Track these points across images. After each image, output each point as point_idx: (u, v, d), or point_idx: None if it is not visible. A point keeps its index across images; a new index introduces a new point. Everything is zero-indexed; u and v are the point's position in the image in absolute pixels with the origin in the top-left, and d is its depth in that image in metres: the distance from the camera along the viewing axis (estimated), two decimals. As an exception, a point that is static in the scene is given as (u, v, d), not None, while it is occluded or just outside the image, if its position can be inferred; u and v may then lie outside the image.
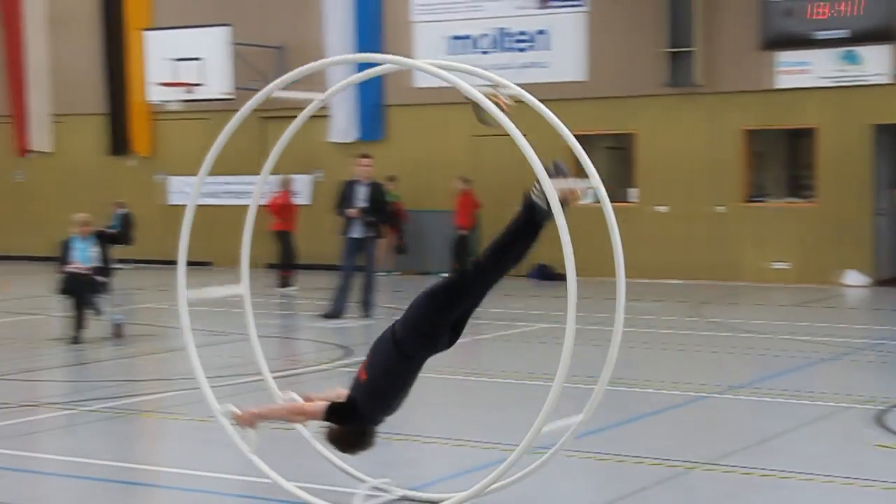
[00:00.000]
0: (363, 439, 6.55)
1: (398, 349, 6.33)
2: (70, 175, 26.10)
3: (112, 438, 8.77)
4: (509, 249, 6.38)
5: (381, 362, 6.37)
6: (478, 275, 6.34)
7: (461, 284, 6.36)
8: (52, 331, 13.73)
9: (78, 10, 25.79)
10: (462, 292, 6.33)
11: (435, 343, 6.38)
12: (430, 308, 6.32)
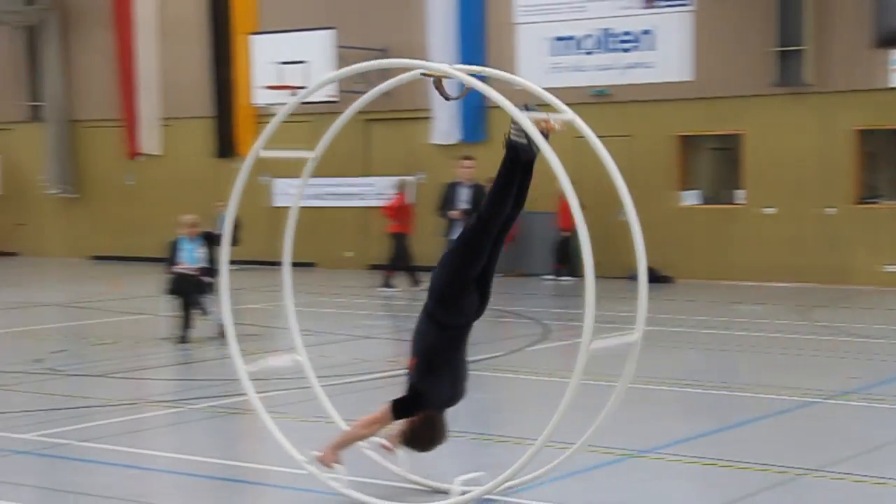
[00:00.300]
0: (434, 429, 6.59)
1: (433, 322, 6.49)
2: (178, 177, 26.54)
3: (218, 436, 8.87)
4: (505, 195, 6.49)
5: (422, 340, 6.52)
6: (483, 228, 6.44)
7: (471, 241, 6.46)
8: (159, 330, 13.95)
9: (187, 15, 26.22)
10: (474, 249, 6.44)
11: (462, 307, 6.48)
12: (449, 272, 6.47)
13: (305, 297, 18.81)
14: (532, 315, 16.15)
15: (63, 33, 27.42)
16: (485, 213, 6.51)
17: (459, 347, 6.59)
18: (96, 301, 18.46)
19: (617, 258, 22.75)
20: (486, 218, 6.49)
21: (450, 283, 6.48)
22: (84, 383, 10.98)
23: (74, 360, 12.46)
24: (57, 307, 17.75)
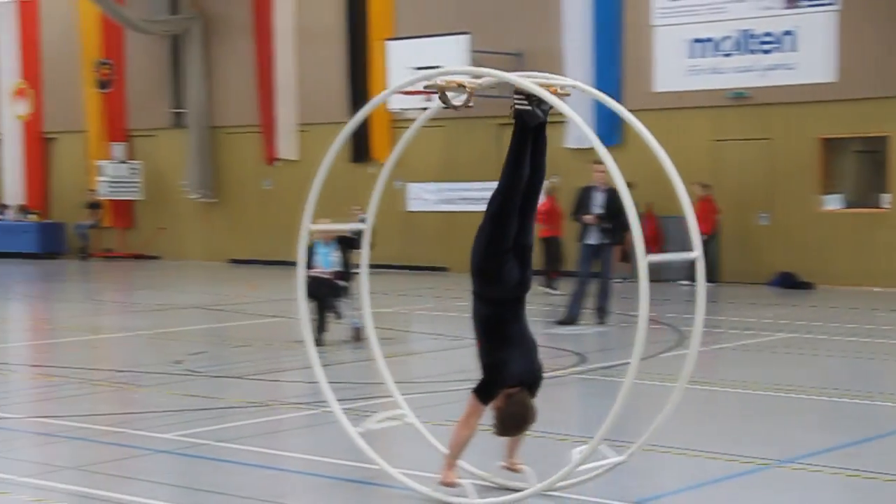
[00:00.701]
0: (519, 404, 6.63)
1: (481, 300, 6.69)
2: (313, 181, 26.92)
3: (350, 439, 8.91)
4: (520, 163, 6.62)
5: (477, 320, 6.71)
6: (506, 198, 6.58)
7: (497, 213, 6.60)
8: (295, 333, 14.12)
9: (324, 23, 26.58)
10: (501, 220, 6.59)
11: (503, 279, 6.63)
12: (483, 247, 6.63)
13: (437, 302, 18.88)
14: (666, 321, 15.90)
15: (205, 42, 28.06)
16: (503, 184, 6.63)
17: (516, 321, 6.73)
18: (234, 304, 18.82)
19: (757, 263, 22.40)
20: (506, 187, 6.62)
21: (485, 257, 6.63)
22: (222, 384, 11.17)
23: (213, 362, 12.69)
24: (196, 310, 18.14)
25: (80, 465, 7.87)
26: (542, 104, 6.63)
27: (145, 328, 15.44)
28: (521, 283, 6.74)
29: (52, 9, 30.72)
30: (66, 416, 9.48)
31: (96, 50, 29.67)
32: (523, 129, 6.67)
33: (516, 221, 6.64)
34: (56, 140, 31.12)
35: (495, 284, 6.67)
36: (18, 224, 30.27)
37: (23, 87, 31.16)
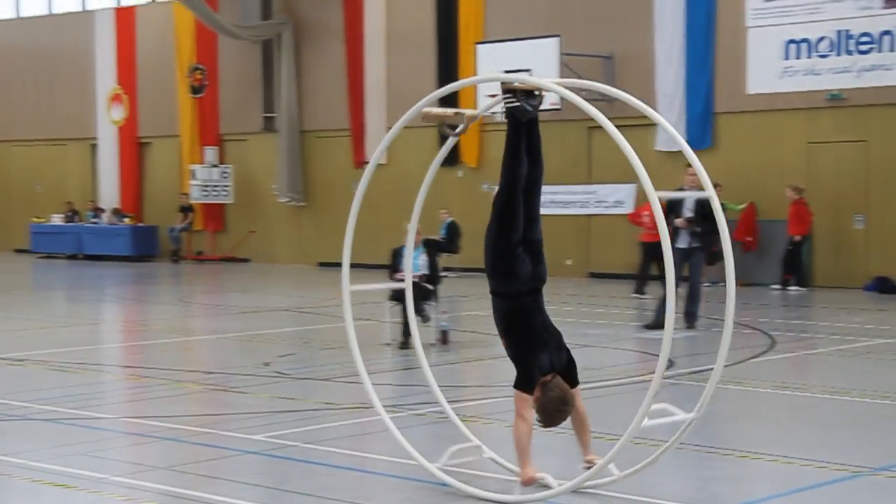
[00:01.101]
0: (555, 389, 6.74)
1: (497, 296, 6.91)
2: (402, 185, 26.99)
3: (438, 442, 8.89)
4: (517, 158, 6.89)
5: (498, 317, 6.95)
6: (509, 193, 6.84)
7: (502, 209, 6.86)
8: (382, 336, 14.17)
9: (415, 27, 26.66)
10: (506, 216, 6.84)
11: (516, 274, 6.83)
12: (492, 245, 6.88)
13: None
14: (758, 325, 15.65)
15: (296, 46, 28.32)
16: (504, 182, 6.88)
17: (536, 312, 6.91)
18: (322, 307, 18.94)
19: (852, 267, 21.95)
20: (507, 184, 6.86)
21: (497, 255, 6.87)
22: (310, 387, 11.23)
23: (301, 364, 12.78)
24: (285, 312, 18.30)
25: (170, 466, 7.96)
26: (530, 99, 6.87)
27: (235, 330, 15.61)
28: (535, 275, 6.91)
29: (148, 15, 31.27)
30: (157, 417, 9.61)
31: (190, 55, 30.12)
32: (516, 126, 6.92)
33: (522, 217, 6.85)
34: (150, 144, 31.65)
35: (511, 280, 6.85)
36: (113, 227, 30.84)
37: (119, 92, 31.75)
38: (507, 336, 6.95)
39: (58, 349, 13.74)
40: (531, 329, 6.88)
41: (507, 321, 6.93)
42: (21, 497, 7.37)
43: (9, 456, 8.13)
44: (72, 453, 8.27)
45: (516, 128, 6.93)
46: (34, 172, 34.00)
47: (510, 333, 6.93)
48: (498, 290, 6.94)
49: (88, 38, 32.16)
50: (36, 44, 33.52)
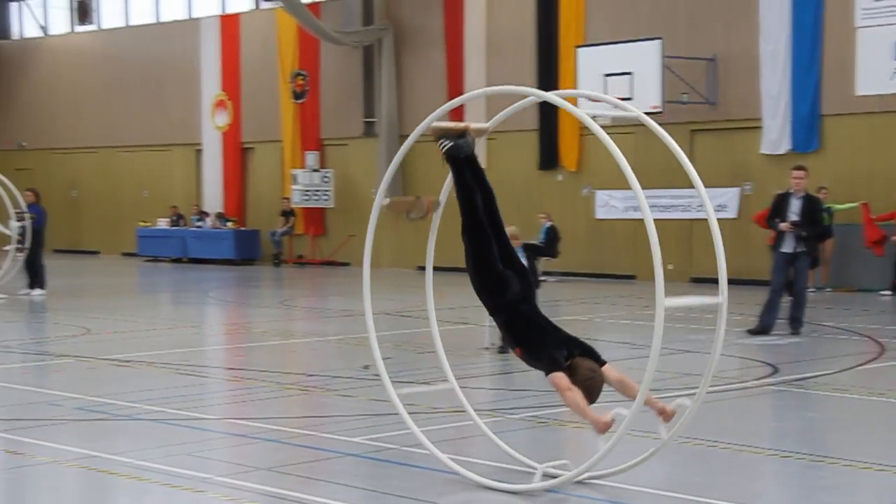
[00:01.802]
0: (584, 371, 7.06)
1: (494, 312, 7.33)
2: (501, 189, 26.89)
3: (535, 446, 8.86)
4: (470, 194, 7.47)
5: (507, 332, 7.34)
6: (470, 221, 7.41)
7: (470, 235, 7.43)
8: (480, 340, 14.15)
9: (515, 30, 26.64)
10: (476, 239, 7.42)
11: (503, 285, 7.29)
12: (472, 266, 7.40)
13: (626, 310, 18.64)
14: (866, 332, 15.30)
15: (396, 52, 28.50)
16: (464, 219, 7.46)
17: (536, 315, 7.29)
18: (422, 310, 18.99)
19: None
20: (467, 215, 7.44)
21: (478, 274, 7.36)
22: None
23: (400, 368, 12.81)
24: (385, 316, 18.38)
25: (271, 467, 8.04)
26: (461, 139, 7.49)
27: (334, 333, 15.73)
28: (522, 282, 7.36)
29: (252, 22, 31.73)
30: (259, 419, 9.72)
31: (293, 61, 30.48)
32: (457, 165, 7.47)
33: (491, 234, 7.39)
34: (253, 150, 32.10)
35: (502, 293, 7.28)
36: (216, 231, 31.33)
37: (223, 98, 32.27)
38: (521, 343, 7.23)
39: (163, 351, 13.99)
40: (539, 328, 7.23)
41: (515, 330, 7.27)
42: (127, 495, 7.51)
43: (116, 455, 8.30)
44: (176, 453, 8.40)
45: (458, 166, 7.48)
46: (141, 178, 34.71)
47: (522, 340, 7.23)
48: (495, 305, 7.32)
49: (194, 46, 32.75)
50: (144, 51, 34.23)
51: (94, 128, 35.70)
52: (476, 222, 7.43)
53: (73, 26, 36.68)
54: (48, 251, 23.56)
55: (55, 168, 36.40)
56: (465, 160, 7.47)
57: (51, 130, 36.73)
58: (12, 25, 38.61)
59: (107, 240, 35.50)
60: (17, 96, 37.63)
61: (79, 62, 36.06)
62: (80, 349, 14.12)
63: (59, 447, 8.56)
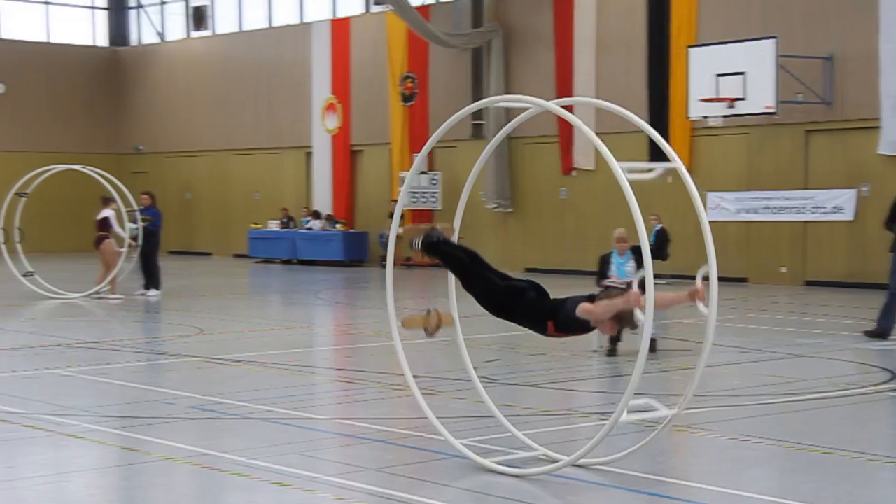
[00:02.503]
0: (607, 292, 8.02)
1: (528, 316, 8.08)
2: (610, 191, 26.78)
3: (644, 451, 8.76)
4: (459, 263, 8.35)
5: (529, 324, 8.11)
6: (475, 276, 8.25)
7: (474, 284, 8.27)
8: (590, 343, 14.05)
9: (625, 31, 26.43)
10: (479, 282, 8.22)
11: (515, 290, 8.12)
12: (489, 304, 8.24)
13: (736, 313, 18.34)
14: None
15: (505, 53, 28.48)
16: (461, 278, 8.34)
17: (542, 292, 8.10)
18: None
19: None
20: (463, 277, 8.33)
21: (500, 307, 8.13)
22: (516, 392, 11.24)
23: (507, 370, 12.80)
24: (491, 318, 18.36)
25: (380, 467, 8.08)
26: (432, 231, 8.36)
27: (441, 335, 15.75)
28: (531, 283, 8.14)
29: (362, 26, 32.01)
30: (367, 419, 9.78)
31: (402, 64, 30.66)
32: (435, 250, 8.32)
33: (488, 274, 8.16)
34: (362, 152, 32.38)
35: (521, 296, 8.01)
36: (326, 233, 31.66)
37: (333, 101, 32.60)
38: (549, 317, 7.86)
39: (273, 351, 14.18)
40: (550, 297, 8.03)
41: (536, 311, 7.95)
42: (239, 493, 7.61)
43: (227, 453, 8.43)
44: (286, 452, 8.50)
45: (436, 250, 8.33)
46: (252, 180, 35.25)
47: (547, 313, 7.88)
48: (521, 309, 8.02)
49: (305, 50, 33.16)
50: (257, 56, 34.77)
51: (207, 131, 36.37)
52: (475, 276, 8.21)
53: (189, 32, 37.43)
54: (163, 253, 24.05)
55: (170, 171, 37.18)
56: (438, 243, 8.31)
57: (166, 134, 37.53)
58: (131, 32, 39.55)
59: (219, 241, 36.13)
60: (135, 101, 38.53)
61: (194, 67, 36.78)
62: (193, 349, 14.38)
63: (173, 445, 8.73)
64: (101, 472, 8.25)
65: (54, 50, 37.59)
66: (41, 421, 9.68)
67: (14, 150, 35.89)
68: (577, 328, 7.86)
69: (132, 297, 21.28)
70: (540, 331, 8.01)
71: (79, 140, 37.55)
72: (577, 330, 7.90)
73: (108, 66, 38.69)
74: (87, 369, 12.64)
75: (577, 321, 7.75)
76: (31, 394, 11.11)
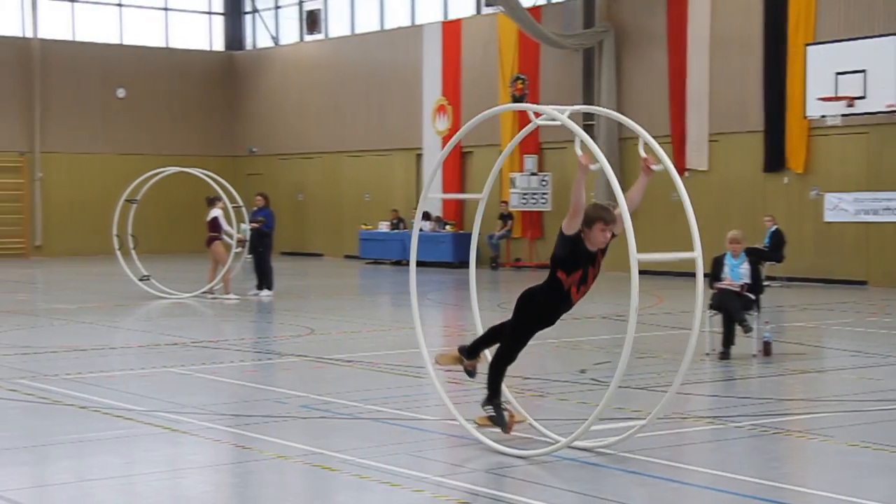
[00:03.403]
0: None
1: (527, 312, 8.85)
2: (723, 192, 26.39)
3: (758, 456, 8.60)
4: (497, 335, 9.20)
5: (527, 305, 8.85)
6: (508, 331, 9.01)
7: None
8: (700, 346, 13.85)
9: (740, 29, 26.00)
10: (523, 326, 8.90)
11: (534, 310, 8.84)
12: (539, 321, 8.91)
13: (856, 317, 17.92)
14: None
15: (617, 53, 28.24)
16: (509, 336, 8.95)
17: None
18: (639, 314, 18.72)
19: None
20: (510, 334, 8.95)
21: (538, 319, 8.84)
22: (625, 395, 11.12)
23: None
24: (602, 319, 18.23)
25: (488, 468, 8.07)
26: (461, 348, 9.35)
27: (550, 337, 15.64)
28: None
29: (473, 27, 32.04)
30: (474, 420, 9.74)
31: (512, 65, 30.62)
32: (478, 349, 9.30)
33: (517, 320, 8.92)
34: (471, 154, 32.40)
35: (537, 292, 8.80)
36: (435, 235, 31.76)
37: (443, 103, 32.70)
38: (557, 266, 8.71)
39: (383, 351, 14.26)
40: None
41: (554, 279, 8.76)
42: (348, 493, 7.66)
43: (338, 452, 8.49)
44: (395, 452, 8.53)
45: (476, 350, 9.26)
46: (363, 182, 35.54)
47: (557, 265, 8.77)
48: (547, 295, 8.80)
49: (417, 52, 33.32)
50: (368, 59, 35.05)
51: (319, 134, 36.78)
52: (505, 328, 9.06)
53: (302, 36, 37.90)
54: (276, 254, 24.38)
55: (282, 173, 37.69)
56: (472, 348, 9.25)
57: (279, 136, 38.05)
58: (246, 37, 40.20)
59: (330, 242, 36.51)
60: (249, 104, 39.15)
61: (306, 71, 37.23)
62: (304, 348, 14.53)
63: (284, 443, 8.82)
64: (215, 469, 8.38)
65: (172, 55, 38.41)
66: (157, 418, 9.88)
67: (133, 153, 36.74)
68: (579, 254, 8.54)
69: (246, 297, 21.60)
70: (564, 298, 8.67)
71: (195, 143, 38.31)
72: (581, 259, 8.58)
73: (223, 70, 39.40)
74: (201, 367, 12.87)
75: (567, 241, 8.48)
76: (147, 391, 11.34)
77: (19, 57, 35.58)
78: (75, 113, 36.57)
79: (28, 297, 23.20)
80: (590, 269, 8.63)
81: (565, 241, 8.46)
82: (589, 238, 8.52)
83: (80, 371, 12.57)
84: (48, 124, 36.04)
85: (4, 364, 13.10)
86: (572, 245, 8.44)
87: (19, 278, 27.92)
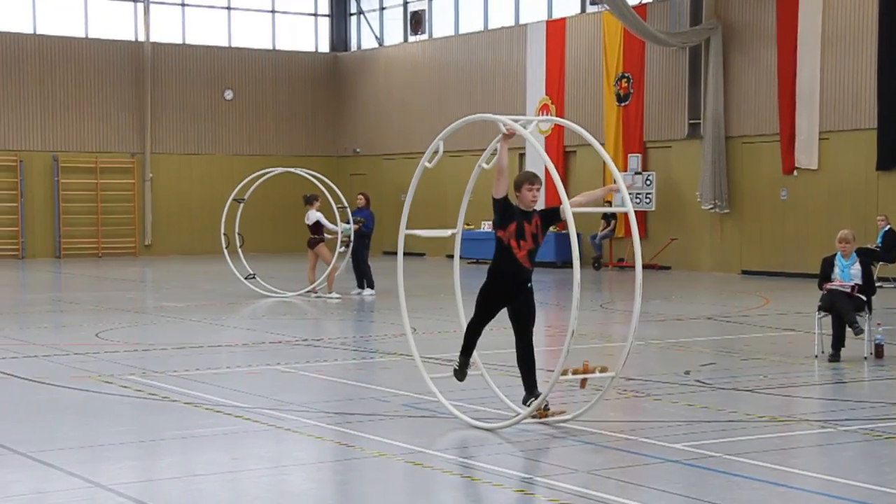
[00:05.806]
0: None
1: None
2: (834, 191, 25.85)
3: (869, 461, 8.40)
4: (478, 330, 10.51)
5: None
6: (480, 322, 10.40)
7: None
8: (809, 348, 13.59)
9: (854, 24, 25.46)
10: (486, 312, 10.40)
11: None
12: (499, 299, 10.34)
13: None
14: None
15: (724, 51, 27.85)
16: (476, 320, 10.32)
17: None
18: (744, 315, 18.46)
19: None
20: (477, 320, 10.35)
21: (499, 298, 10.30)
22: (731, 397, 10.96)
23: (722, 374, 12.50)
24: (707, 321, 18.00)
25: (591, 470, 8.00)
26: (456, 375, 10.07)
27: (654, 338, 15.51)
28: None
29: (577, 26, 31.87)
30: (578, 421, 9.68)
31: (617, 64, 30.39)
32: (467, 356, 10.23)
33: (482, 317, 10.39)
34: (575, 153, 32.24)
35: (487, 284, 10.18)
36: (539, 234, 31.62)
37: (547, 102, 32.59)
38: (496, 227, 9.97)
39: (484, 351, 14.19)
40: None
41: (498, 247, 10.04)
42: (451, 492, 7.66)
43: (440, 451, 8.51)
44: (498, 452, 8.53)
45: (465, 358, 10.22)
46: (465, 182, 35.45)
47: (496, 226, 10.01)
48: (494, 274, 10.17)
49: (520, 51, 33.27)
50: (472, 59, 35.09)
51: (422, 134, 36.89)
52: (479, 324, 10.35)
53: (407, 37, 38.10)
54: (378, 253, 24.54)
55: (386, 173, 37.92)
56: (462, 365, 10.09)
57: (383, 137, 38.29)
58: (351, 38, 40.55)
59: (432, 242, 36.60)
60: (354, 105, 39.47)
61: (410, 71, 37.41)
62: (405, 347, 14.56)
63: (387, 441, 8.86)
64: (318, 466, 8.45)
65: (279, 57, 38.90)
66: (262, 415, 10.00)
67: (241, 154, 37.34)
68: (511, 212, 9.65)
69: (349, 296, 21.78)
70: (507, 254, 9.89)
71: (300, 143, 38.77)
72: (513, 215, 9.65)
73: (329, 71, 39.78)
74: (304, 366, 13.00)
75: (498, 205, 9.75)
76: (252, 388, 11.49)
77: (131, 60, 36.38)
78: (184, 115, 37.27)
79: (137, 296, 23.69)
80: (525, 224, 9.69)
81: (497, 205, 9.76)
82: (521, 199, 9.77)
83: (187, 368, 12.80)
84: (158, 126, 36.79)
85: (116, 361, 13.40)
86: (503, 206, 9.70)
87: (129, 277, 28.55)
